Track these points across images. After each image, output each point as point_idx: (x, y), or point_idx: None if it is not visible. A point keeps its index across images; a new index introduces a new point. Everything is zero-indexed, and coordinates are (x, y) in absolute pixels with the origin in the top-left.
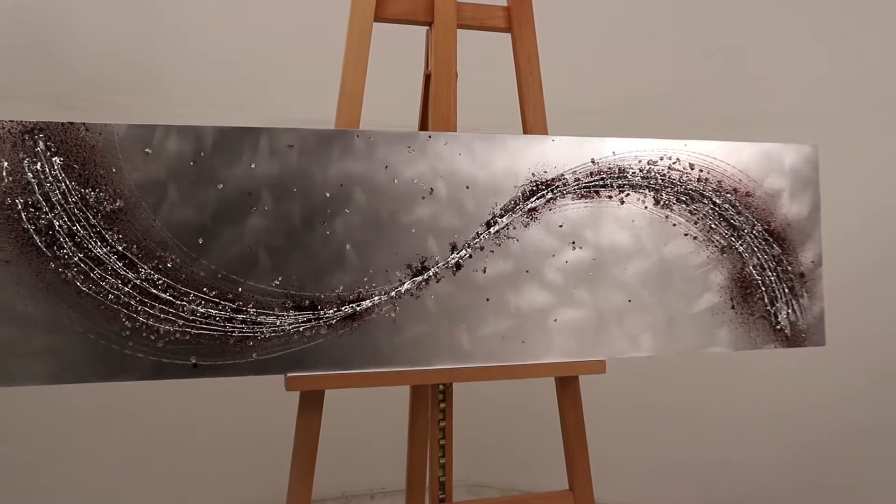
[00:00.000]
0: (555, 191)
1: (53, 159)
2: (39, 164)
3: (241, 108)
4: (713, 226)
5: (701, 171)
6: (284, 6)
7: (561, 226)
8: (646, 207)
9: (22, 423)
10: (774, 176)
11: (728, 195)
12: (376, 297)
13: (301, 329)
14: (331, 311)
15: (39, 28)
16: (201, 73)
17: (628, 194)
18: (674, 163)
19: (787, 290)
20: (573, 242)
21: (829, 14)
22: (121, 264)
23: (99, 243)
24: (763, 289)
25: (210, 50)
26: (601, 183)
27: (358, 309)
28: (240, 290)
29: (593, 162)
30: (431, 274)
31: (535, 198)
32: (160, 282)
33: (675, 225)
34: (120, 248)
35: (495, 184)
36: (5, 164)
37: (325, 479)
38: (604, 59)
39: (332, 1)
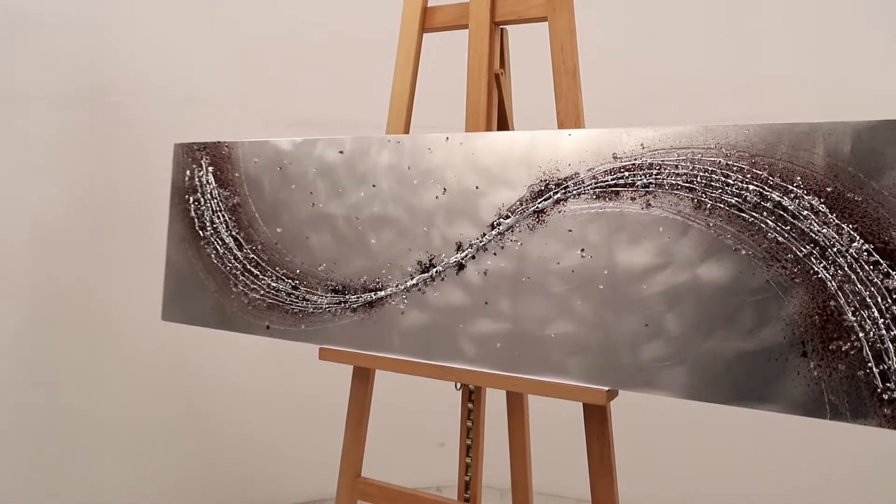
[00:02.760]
0: (566, 191)
1: (209, 168)
2: (201, 171)
3: (241, 109)
4: (781, 239)
5: (769, 164)
6: (281, 9)
7: (570, 230)
8: (679, 212)
9: (44, 417)
10: None
11: (811, 198)
12: (390, 289)
13: (333, 309)
14: (354, 297)
15: (41, 29)
16: (202, 74)
17: (656, 195)
18: (727, 155)
19: None
20: (582, 250)
21: None
22: (234, 244)
23: (224, 228)
24: (861, 335)
25: (211, 51)
26: (622, 182)
27: (374, 297)
28: (297, 271)
29: (615, 157)
30: (436, 272)
31: (542, 198)
32: (253, 259)
33: (719, 236)
34: (234, 233)
35: (505, 183)
36: (187, 172)
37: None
38: (656, 47)
39: (330, 4)
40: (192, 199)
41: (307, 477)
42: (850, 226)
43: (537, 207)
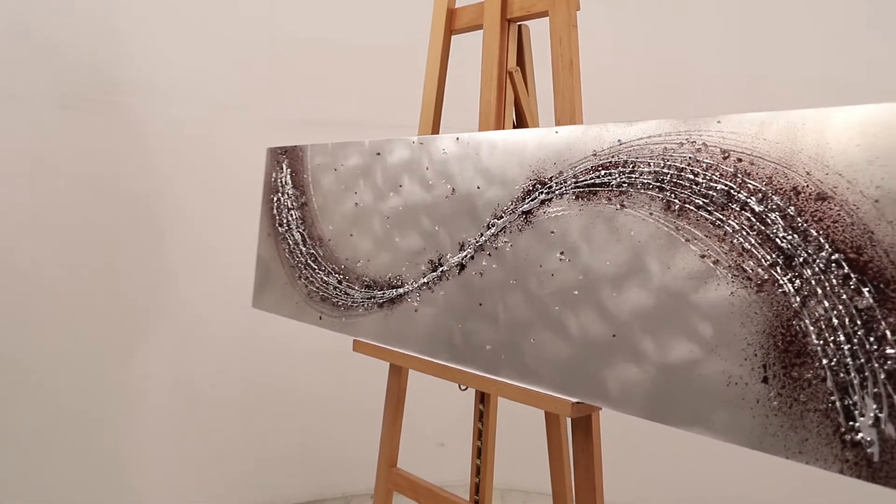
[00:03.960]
0: (549, 191)
1: (287, 170)
2: (282, 173)
3: (241, 109)
4: (747, 246)
5: (739, 160)
6: (277, 10)
7: (552, 232)
8: (651, 214)
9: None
10: (888, 164)
11: (779, 199)
12: (408, 286)
13: (365, 304)
14: (380, 293)
15: (40, 29)
16: (202, 74)
17: (629, 195)
18: (698, 150)
19: (881, 377)
20: (561, 253)
21: None
22: (300, 240)
23: (295, 225)
24: (825, 362)
25: (211, 51)
26: (598, 181)
27: (395, 294)
28: (342, 266)
29: (594, 154)
30: (443, 271)
31: (529, 199)
32: (313, 254)
33: (687, 240)
34: (300, 230)
35: (502, 183)
36: (273, 174)
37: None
38: (659, 47)
39: (331, 3)
40: (275, 198)
41: (310, 476)
42: (823, 234)
43: (525, 208)
